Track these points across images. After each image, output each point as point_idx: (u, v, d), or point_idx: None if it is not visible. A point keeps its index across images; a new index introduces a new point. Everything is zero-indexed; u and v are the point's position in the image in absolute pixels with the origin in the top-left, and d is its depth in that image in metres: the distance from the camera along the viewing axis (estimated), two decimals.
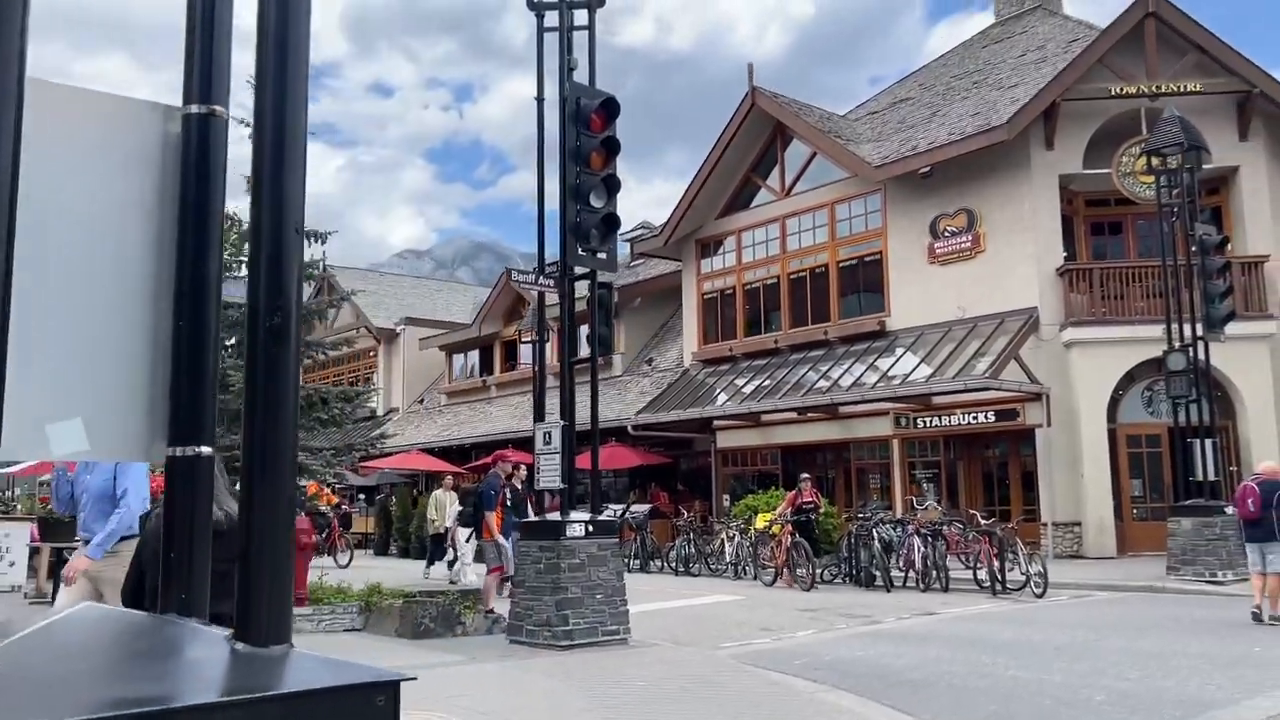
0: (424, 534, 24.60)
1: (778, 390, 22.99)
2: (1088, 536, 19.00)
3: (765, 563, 16.90)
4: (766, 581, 16.27)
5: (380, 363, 39.45)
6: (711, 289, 26.78)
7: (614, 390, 28.60)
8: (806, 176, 24.64)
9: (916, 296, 21.93)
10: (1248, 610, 11.72)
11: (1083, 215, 21.47)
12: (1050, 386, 19.56)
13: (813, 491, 17.13)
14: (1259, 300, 19.30)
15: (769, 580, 16.27)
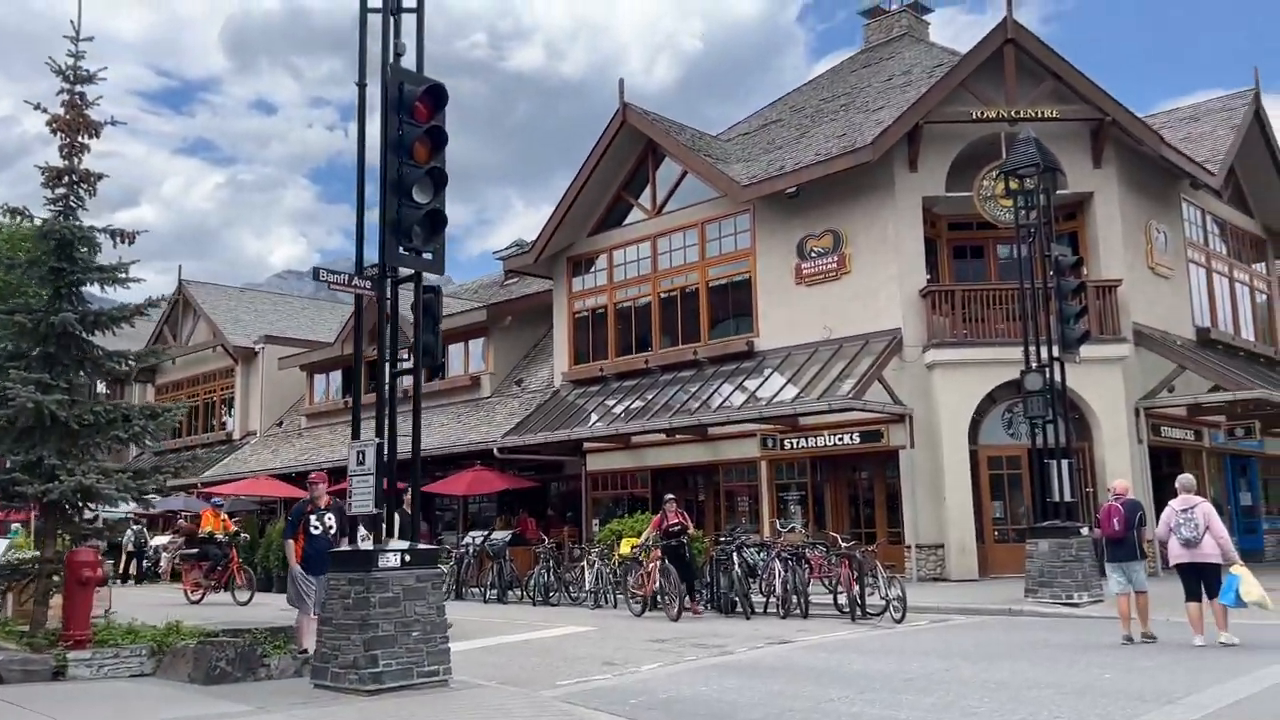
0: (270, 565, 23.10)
1: (648, 411, 22.42)
2: (950, 559, 18.92)
3: (634, 591, 16.00)
4: (635, 611, 15.32)
5: (238, 384, 37.40)
6: (583, 308, 26.11)
7: (481, 412, 27.60)
8: (678, 195, 24.27)
9: (784, 317, 21.70)
10: (1101, 634, 11.57)
11: (945, 238, 21.62)
12: (913, 408, 19.50)
13: (679, 513, 15.82)
14: (1113, 323, 19.67)
15: (638, 610, 15.33)
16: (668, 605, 14.67)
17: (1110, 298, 19.78)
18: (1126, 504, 11.15)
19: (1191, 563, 10.40)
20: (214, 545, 20.64)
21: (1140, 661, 9.33)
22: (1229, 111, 24.66)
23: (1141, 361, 20.09)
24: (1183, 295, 22.43)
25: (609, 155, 24.65)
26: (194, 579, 20.20)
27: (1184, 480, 11.02)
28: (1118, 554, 11.06)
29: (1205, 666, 9.00)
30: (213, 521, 21.25)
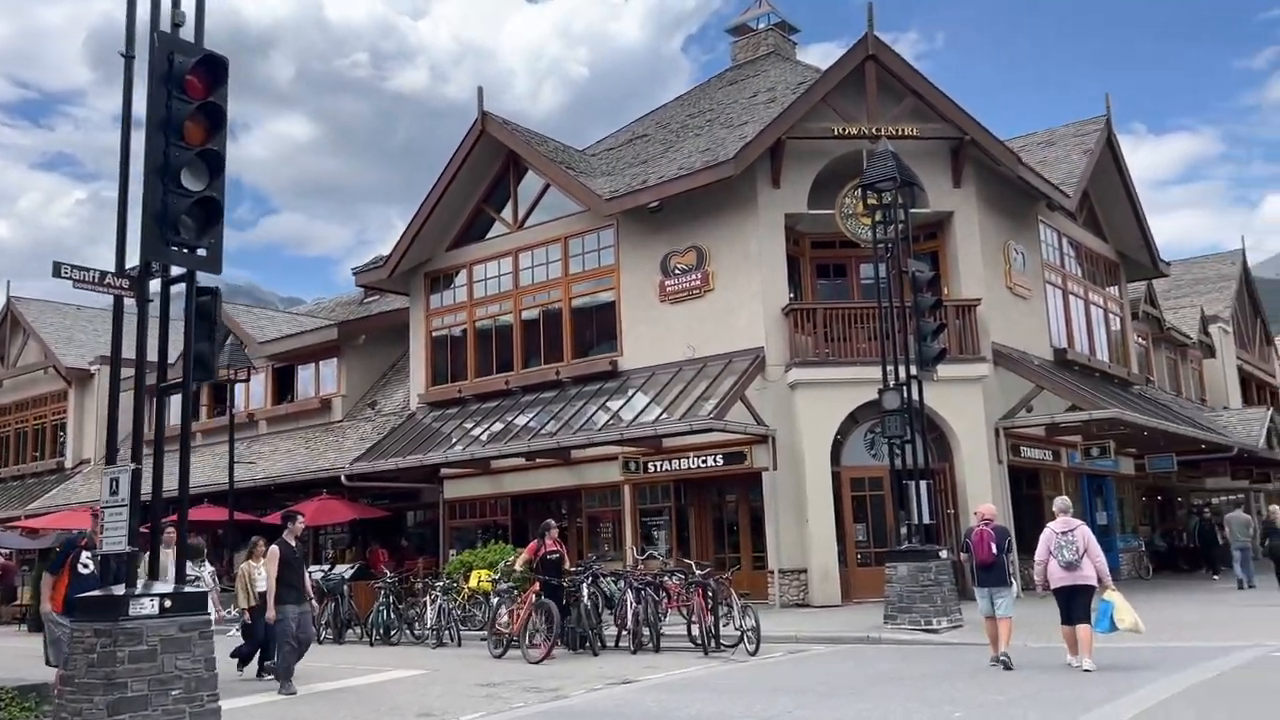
0: None
1: (507, 434, 21.33)
2: (813, 584, 18.39)
3: (499, 629, 14.08)
4: (494, 652, 13.67)
5: (71, 408, 34.62)
6: (441, 326, 24.88)
7: (331, 437, 26.02)
8: (540, 209, 23.37)
9: (649, 335, 20.99)
10: (959, 662, 11.05)
11: (809, 256, 21.29)
12: (776, 428, 18.97)
13: (557, 541, 14.31)
14: (972, 343, 19.58)
15: (497, 650, 13.65)
16: (535, 646, 12.98)
17: (970, 317, 19.71)
18: (996, 529, 11.06)
19: (1071, 585, 10.27)
20: None
21: (993, 695, 8.76)
22: (1082, 136, 25.22)
23: (1001, 381, 20.08)
24: (1040, 316, 22.65)
25: (468, 166, 23.60)
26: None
27: (1061, 502, 10.95)
28: (987, 579, 10.93)
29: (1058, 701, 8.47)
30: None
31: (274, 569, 11.13)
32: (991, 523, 11.19)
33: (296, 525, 11.76)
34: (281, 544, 11.39)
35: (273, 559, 11.20)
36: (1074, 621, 10.33)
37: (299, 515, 11.99)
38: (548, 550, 13.98)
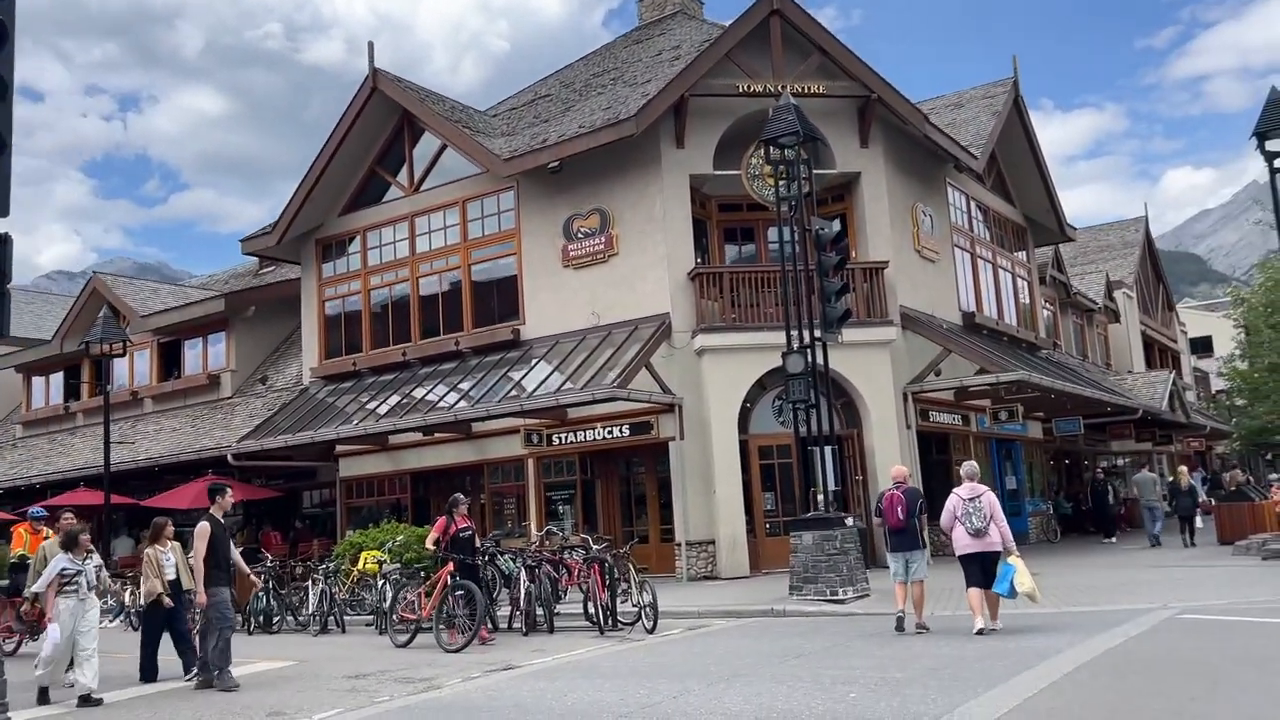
0: None
1: (405, 409, 20.29)
2: (721, 555, 17.86)
3: (403, 614, 12.79)
4: (398, 640, 12.30)
5: None
6: (334, 295, 23.65)
7: (219, 414, 24.65)
8: (437, 172, 22.26)
9: (552, 302, 20.13)
10: (863, 634, 10.54)
11: (716, 220, 20.64)
12: (683, 397, 18.34)
13: (467, 518, 13.09)
14: (880, 306, 19.17)
15: (402, 638, 12.28)
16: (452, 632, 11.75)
17: (878, 280, 19.28)
18: (908, 492, 10.91)
19: (978, 552, 10.26)
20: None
21: (894, 672, 8.22)
22: (990, 99, 25.00)
23: (909, 345, 19.74)
24: (948, 279, 22.39)
25: (360, 127, 22.36)
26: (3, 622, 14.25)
27: (968, 468, 10.88)
28: (900, 543, 10.86)
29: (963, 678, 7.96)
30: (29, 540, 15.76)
31: (203, 547, 10.04)
32: (903, 485, 11.04)
33: (225, 499, 10.62)
34: (210, 520, 10.29)
35: (202, 536, 10.10)
36: (981, 585, 10.30)
37: (227, 488, 10.79)
38: (459, 527, 12.72)
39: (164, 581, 10.72)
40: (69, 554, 9.73)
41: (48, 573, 9.67)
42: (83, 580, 9.67)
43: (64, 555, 9.70)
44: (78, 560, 9.71)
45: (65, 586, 9.55)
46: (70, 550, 9.76)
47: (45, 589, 9.65)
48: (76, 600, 9.58)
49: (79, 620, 9.56)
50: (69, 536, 9.95)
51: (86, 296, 27.98)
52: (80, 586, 9.63)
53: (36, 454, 27.62)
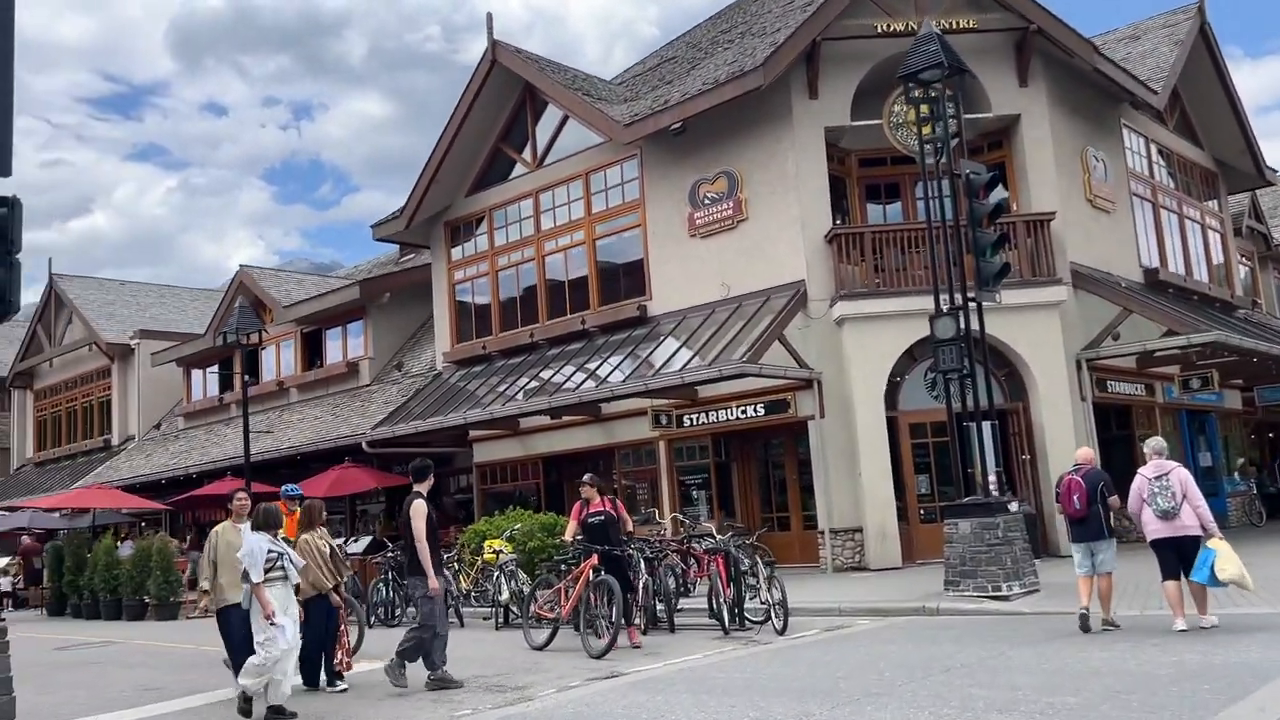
0: (96, 587, 20.00)
1: (532, 392, 19.53)
2: (870, 545, 16.25)
3: (540, 612, 11.37)
4: (535, 641, 10.93)
5: (115, 384, 34.02)
6: (464, 278, 23.17)
7: (357, 402, 24.61)
8: (560, 144, 21.37)
9: (678, 275, 18.91)
10: (1032, 638, 8.89)
11: (856, 176, 18.90)
12: (821, 371, 16.79)
13: (607, 500, 11.44)
14: (1047, 264, 17.05)
15: (540, 639, 10.90)
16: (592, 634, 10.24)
17: (1043, 234, 17.15)
18: (1088, 475, 9.50)
19: (1170, 537, 9.00)
20: None
21: (1065, 696, 6.62)
22: (1171, 28, 22.15)
23: (1081, 306, 17.52)
24: (1126, 232, 19.90)
25: (483, 102, 21.69)
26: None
27: (1154, 444, 9.47)
28: (1082, 533, 9.51)
29: (1156, 708, 6.30)
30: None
31: (423, 526, 8.84)
32: (1084, 468, 9.58)
33: (428, 480, 9.19)
34: (421, 498, 9.02)
35: (420, 514, 8.86)
36: (1176, 576, 8.92)
37: (431, 465, 9.33)
38: (590, 512, 11.25)
39: (330, 570, 9.19)
40: (265, 534, 8.13)
41: (255, 556, 7.87)
42: (288, 565, 8.16)
43: (263, 535, 8.08)
44: (277, 542, 8.21)
45: (269, 573, 7.97)
46: (268, 531, 8.19)
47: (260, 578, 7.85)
48: (282, 588, 8.07)
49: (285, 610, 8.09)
50: (267, 515, 8.32)
51: (234, 290, 28.62)
52: (287, 573, 8.13)
53: (194, 445, 28.48)
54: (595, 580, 10.53)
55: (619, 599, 10.16)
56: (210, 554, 8.92)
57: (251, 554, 7.85)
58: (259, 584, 7.82)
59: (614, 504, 11.62)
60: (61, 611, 21.46)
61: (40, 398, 38.00)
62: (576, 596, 10.73)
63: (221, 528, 9.08)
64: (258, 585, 7.82)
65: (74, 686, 10.46)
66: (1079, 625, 9.25)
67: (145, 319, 35.65)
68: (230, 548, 8.61)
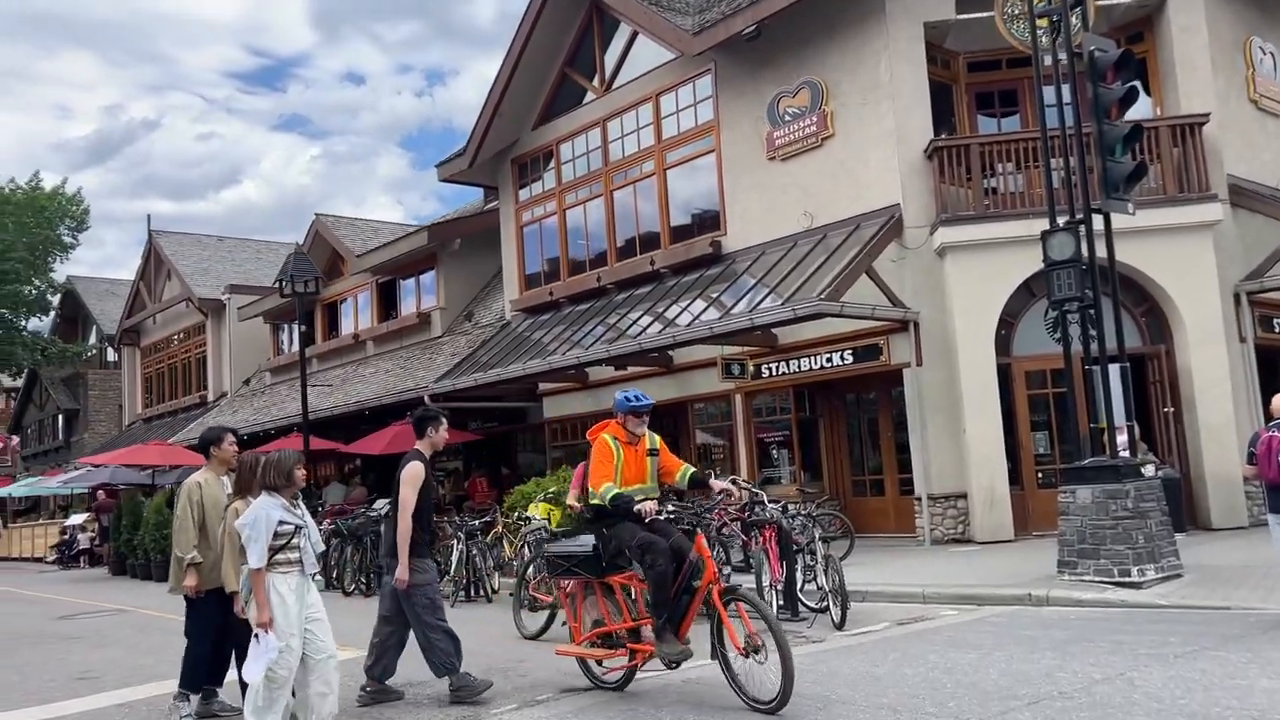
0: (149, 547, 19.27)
1: (598, 339, 17.66)
2: (975, 513, 13.79)
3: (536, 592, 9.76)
4: (526, 629, 9.19)
5: (209, 340, 33.85)
6: (531, 219, 21.39)
7: (427, 354, 23.26)
8: (628, 66, 19.23)
9: (755, 205, 16.63)
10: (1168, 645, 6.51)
11: (964, 82, 16.13)
12: (919, 310, 14.32)
13: None
14: (1198, 177, 14.03)
15: (532, 626, 9.13)
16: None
17: (1194, 141, 14.12)
18: None
19: None
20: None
21: None
22: None
23: (1241, 229, 14.45)
24: None
25: (545, 22, 19.71)
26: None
27: None
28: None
29: None
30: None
31: (412, 496, 6.72)
32: None
33: (438, 433, 7.13)
34: (420, 460, 6.93)
35: (411, 481, 6.74)
36: None
37: (441, 417, 7.28)
38: None
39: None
40: (278, 497, 5.77)
41: (258, 528, 5.57)
42: (306, 543, 5.80)
43: (275, 499, 5.74)
44: (293, 508, 5.82)
45: (279, 553, 5.65)
46: (279, 492, 5.79)
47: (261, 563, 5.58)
48: (299, 576, 5.76)
49: (302, 609, 5.74)
50: (280, 466, 5.81)
51: (311, 239, 27.65)
52: (305, 553, 5.78)
53: (275, 400, 27.82)
54: None
55: None
56: (192, 513, 6.74)
57: (254, 524, 5.56)
58: (259, 569, 5.56)
59: None
60: (122, 571, 20.92)
61: (146, 354, 38.38)
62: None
63: (204, 478, 6.90)
64: (258, 571, 5.56)
65: (13, 669, 9.20)
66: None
67: (239, 274, 35.32)
68: (217, 507, 6.66)
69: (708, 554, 6.20)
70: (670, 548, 6.12)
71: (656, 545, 6.09)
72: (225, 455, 7.00)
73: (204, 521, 6.70)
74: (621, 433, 6.67)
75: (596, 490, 6.43)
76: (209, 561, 6.58)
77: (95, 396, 43.44)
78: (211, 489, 6.81)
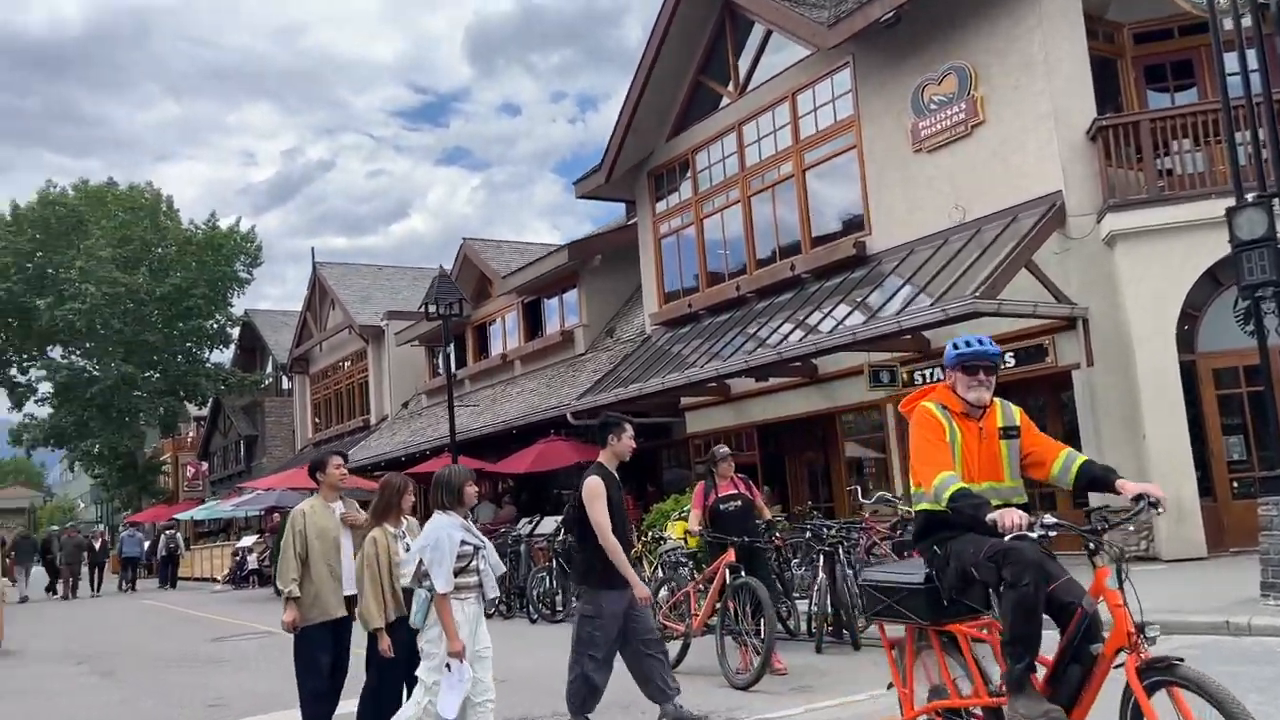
0: None
1: (737, 350, 17.05)
2: (1160, 528, 12.38)
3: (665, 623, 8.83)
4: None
5: (370, 365, 35.02)
6: (668, 231, 20.99)
7: (570, 372, 23.15)
8: (763, 67, 18.60)
9: (901, 202, 15.66)
10: None
11: (1130, 55, 14.74)
12: (1087, 306, 13.05)
13: (740, 480, 9.19)
14: None
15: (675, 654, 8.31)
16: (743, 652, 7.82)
17: None
18: None
19: None
20: None
21: None
22: None
23: None
24: None
25: (675, 31, 19.33)
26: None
27: None
28: None
29: None
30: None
31: (603, 514, 6.18)
32: None
33: (621, 440, 6.57)
34: (602, 474, 6.39)
35: (593, 496, 6.24)
36: None
37: (625, 424, 6.70)
38: (721, 495, 8.97)
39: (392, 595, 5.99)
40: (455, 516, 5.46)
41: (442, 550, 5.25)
42: (485, 565, 5.49)
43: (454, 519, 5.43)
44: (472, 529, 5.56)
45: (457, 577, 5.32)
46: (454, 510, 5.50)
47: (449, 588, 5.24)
48: (477, 604, 5.49)
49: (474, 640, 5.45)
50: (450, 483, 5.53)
51: (460, 263, 28.13)
52: (485, 575, 5.48)
53: (429, 422, 28.36)
54: (734, 583, 7.99)
55: (769, 609, 7.55)
56: (295, 544, 6.27)
57: (438, 547, 5.22)
58: (445, 595, 5.19)
59: (749, 485, 9.08)
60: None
61: (314, 381, 40.11)
62: (710, 604, 8.22)
63: (310, 506, 6.48)
64: (442, 597, 5.19)
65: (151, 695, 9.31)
66: None
67: (398, 301, 36.39)
68: (323, 536, 6.28)
69: (1116, 600, 3.92)
70: (1037, 562, 3.98)
71: (1020, 554, 3.97)
72: (333, 480, 6.60)
73: (307, 553, 6.33)
74: (953, 400, 4.47)
75: (925, 487, 4.35)
76: (308, 595, 6.27)
77: (271, 423, 45.74)
78: (317, 517, 6.40)
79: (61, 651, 13.51)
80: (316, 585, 6.13)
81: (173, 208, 43.95)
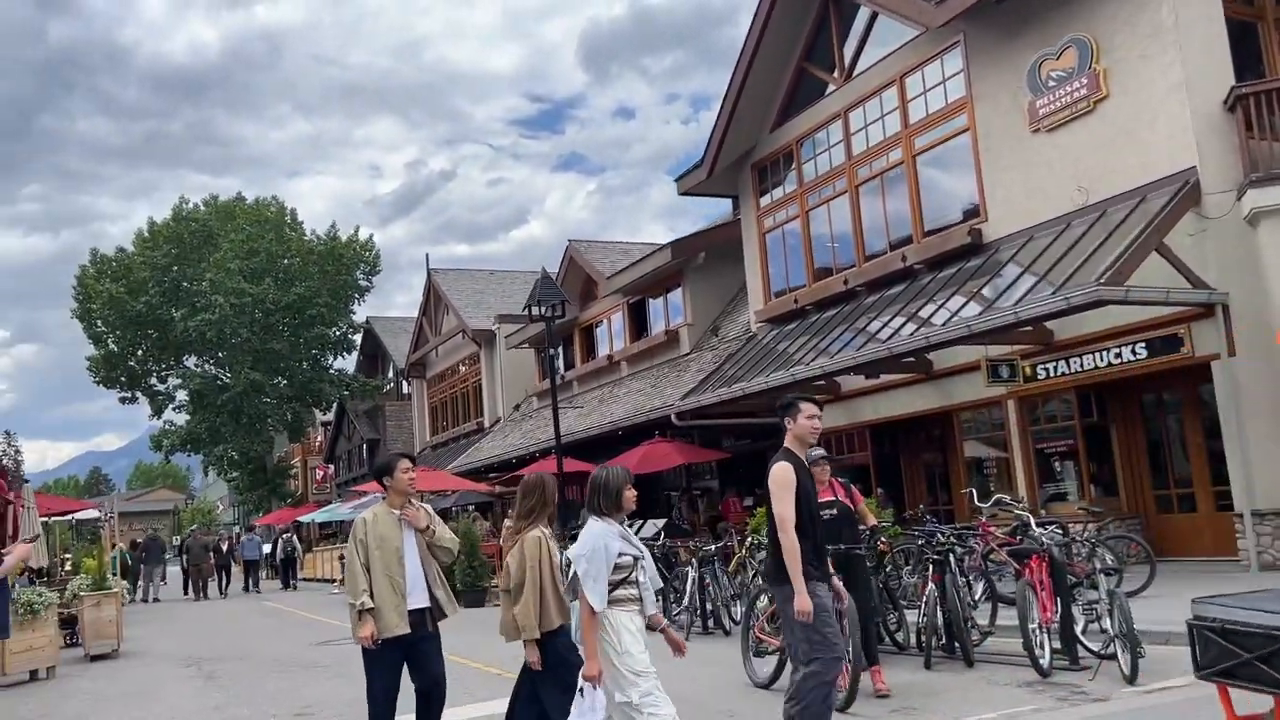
0: None
1: (847, 345, 16.38)
2: None
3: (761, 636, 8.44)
4: (759, 676, 8.11)
5: (483, 368, 35.40)
6: (773, 225, 20.38)
7: (675, 372, 22.77)
8: (869, 51, 17.83)
9: (1018, 185, 14.74)
10: None
11: (1272, 18, 13.48)
12: (1227, 291, 11.95)
13: (838, 484, 8.41)
14: None
15: (765, 673, 8.07)
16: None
17: None
18: None
19: None
20: None
21: None
22: None
23: None
24: None
25: (777, 19, 18.76)
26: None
27: None
28: None
29: None
30: None
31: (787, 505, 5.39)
32: None
33: (798, 421, 5.67)
34: (791, 459, 5.57)
35: (780, 485, 5.43)
36: None
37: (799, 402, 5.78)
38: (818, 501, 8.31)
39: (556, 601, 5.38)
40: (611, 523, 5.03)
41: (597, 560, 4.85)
42: (644, 577, 5.06)
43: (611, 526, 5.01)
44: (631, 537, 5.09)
45: (617, 589, 4.90)
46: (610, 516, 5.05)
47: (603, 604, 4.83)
48: (637, 615, 4.99)
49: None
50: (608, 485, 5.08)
51: (566, 265, 28.10)
52: (645, 589, 5.05)
53: (540, 423, 28.38)
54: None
55: (855, 626, 6.97)
56: (358, 553, 5.85)
57: (593, 556, 4.81)
58: (595, 613, 4.78)
59: (848, 490, 8.43)
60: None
61: (431, 385, 40.85)
62: None
63: (373, 513, 5.98)
64: (591, 615, 4.77)
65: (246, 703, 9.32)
66: None
67: (509, 304, 36.68)
68: (384, 545, 5.81)
69: None
70: None
71: None
72: (401, 485, 6.02)
73: (368, 562, 5.89)
74: None
75: None
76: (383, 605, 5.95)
77: (392, 426, 46.81)
78: (380, 524, 5.92)
79: (176, 654, 13.85)
80: (376, 600, 5.75)
81: (296, 220, 45.44)
